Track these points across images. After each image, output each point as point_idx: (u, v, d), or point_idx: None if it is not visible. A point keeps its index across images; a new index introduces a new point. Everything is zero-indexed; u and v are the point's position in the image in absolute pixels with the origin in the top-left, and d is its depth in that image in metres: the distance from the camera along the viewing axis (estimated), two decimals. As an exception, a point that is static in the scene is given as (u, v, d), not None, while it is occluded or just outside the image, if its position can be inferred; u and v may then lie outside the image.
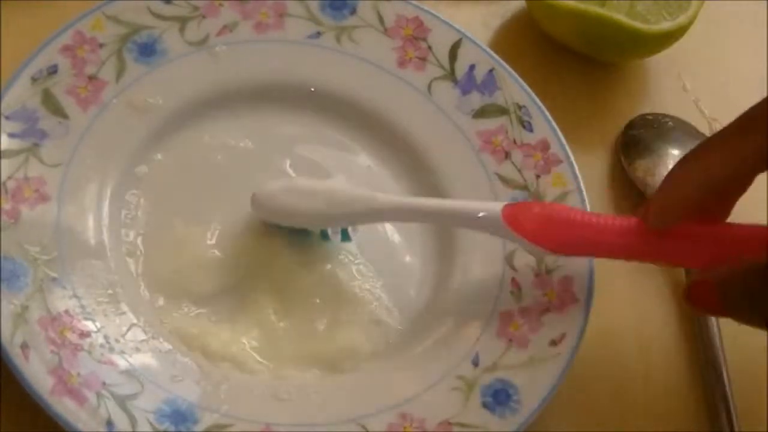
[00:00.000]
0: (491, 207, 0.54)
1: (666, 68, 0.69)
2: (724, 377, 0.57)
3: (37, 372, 0.50)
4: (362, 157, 0.61)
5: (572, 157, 0.60)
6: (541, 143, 0.60)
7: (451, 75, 0.61)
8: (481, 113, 0.61)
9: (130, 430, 0.50)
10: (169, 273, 0.56)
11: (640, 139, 0.65)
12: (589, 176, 0.60)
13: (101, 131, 0.57)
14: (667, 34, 0.64)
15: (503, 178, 0.60)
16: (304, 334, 0.55)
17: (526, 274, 0.57)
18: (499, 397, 0.54)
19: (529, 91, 0.61)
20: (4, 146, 0.55)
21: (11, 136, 0.55)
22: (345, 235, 0.57)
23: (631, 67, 0.68)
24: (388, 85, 0.61)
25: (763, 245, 0.50)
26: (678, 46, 0.66)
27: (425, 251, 0.59)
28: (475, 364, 0.55)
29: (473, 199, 0.59)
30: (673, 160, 0.64)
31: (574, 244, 0.53)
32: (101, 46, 0.58)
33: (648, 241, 0.52)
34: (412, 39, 0.62)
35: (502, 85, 0.61)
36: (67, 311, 0.52)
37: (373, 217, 0.56)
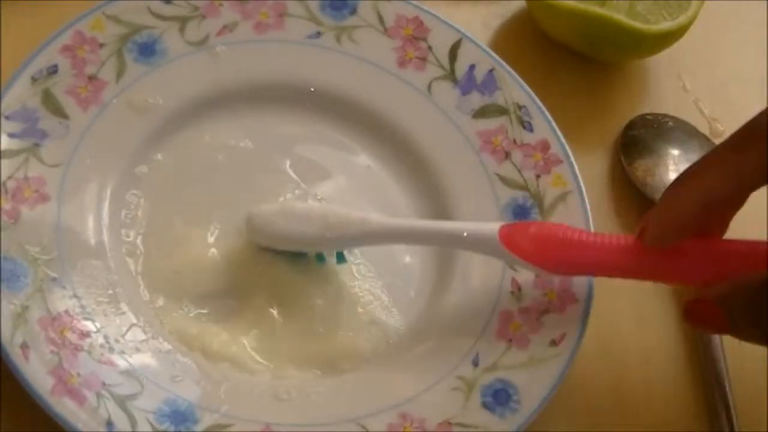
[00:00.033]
0: (488, 228, 0.54)
1: (666, 68, 0.69)
2: (724, 377, 0.57)
3: (37, 372, 0.50)
4: (362, 157, 0.61)
5: (572, 157, 0.60)
6: (541, 143, 0.60)
7: (451, 75, 0.61)
8: (481, 113, 0.61)
9: (130, 430, 0.50)
10: (169, 273, 0.56)
11: (640, 139, 0.65)
12: (589, 176, 0.60)
13: (101, 131, 0.57)
14: (667, 34, 0.64)
15: (503, 178, 0.60)
16: (304, 334, 0.55)
17: (526, 274, 0.57)
18: (499, 397, 0.54)
19: (529, 91, 0.61)
20: (4, 146, 0.55)
21: (11, 136, 0.55)
22: (341, 257, 0.56)
23: (631, 67, 0.68)
24: (388, 85, 0.61)
25: (763, 260, 0.50)
26: (678, 46, 0.66)
27: (425, 251, 0.59)
28: (475, 364, 0.55)
29: (473, 199, 0.59)
30: (673, 160, 0.64)
31: (572, 264, 0.53)
32: (101, 46, 0.58)
33: (646, 260, 0.52)
34: (412, 39, 0.62)
35: (502, 85, 0.61)
36: (67, 311, 0.52)
37: (368, 240, 0.56)
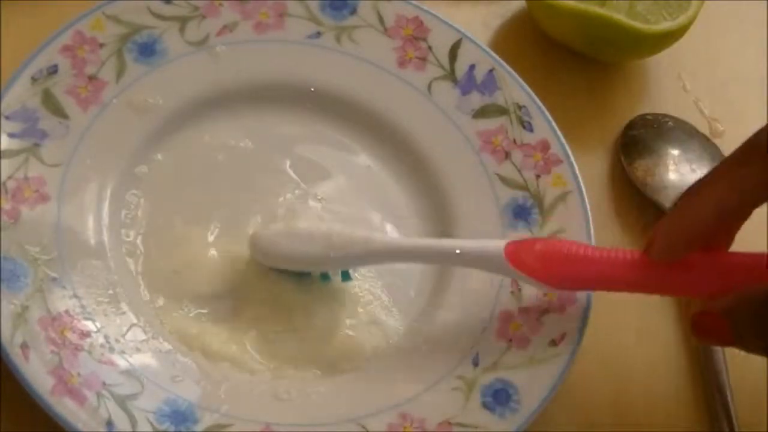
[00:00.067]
0: (493, 246, 0.54)
1: (666, 68, 0.69)
2: (724, 377, 0.57)
3: (37, 372, 0.50)
4: (362, 157, 0.61)
5: (572, 157, 0.60)
6: (541, 143, 0.60)
7: (451, 75, 0.61)
8: (481, 113, 0.61)
9: (130, 430, 0.50)
10: (169, 273, 0.56)
11: (640, 139, 0.65)
12: (589, 176, 0.60)
13: (101, 131, 0.57)
14: (667, 34, 0.64)
15: (503, 178, 0.60)
16: (304, 334, 0.55)
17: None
18: (499, 397, 0.54)
19: (529, 91, 0.61)
20: (4, 146, 0.55)
21: (11, 136, 0.55)
22: (346, 276, 0.56)
23: (631, 67, 0.68)
24: (388, 85, 0.61)
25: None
26: (678, 46, 0.66)
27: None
28: (475, 364, 0.55)
29: (473, 199, 0.59)
30: (673, 160, 0.64)
31: (579, 279, 0.53)
32: (101, 46, 0.58)
33: (653, 274, 0.52)
34: (412, 39, 0.62)
35: (502, 85, 0.61)
36: (67, 311, 0.52)
37: (373, 259, 0.55)
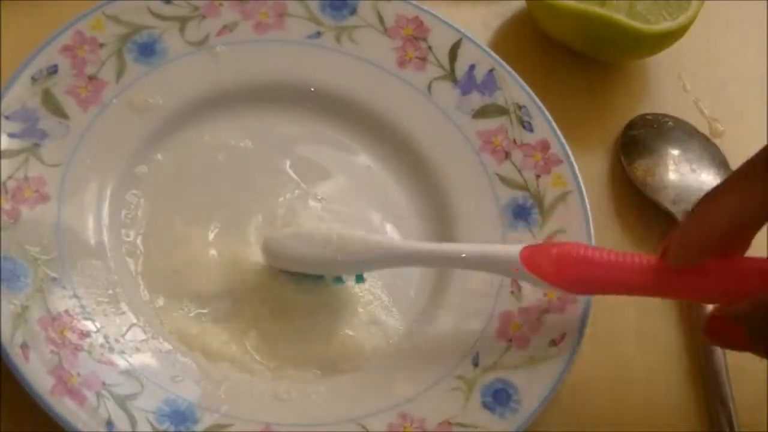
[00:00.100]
0: (508, 251, 0.53)
1: (666, 68, 0.69)
2: (724, 377, 0.57)
3: (37, 372, 0.50)
4: (362, 157, 0.61)
5: (572, 157, 0.60)
6: (541, 143, 0.60)
7: (451, 75, 0.61)
8: (481, 113, 0.61)
9: (130, 430, 0.50)
10: (169, 273, 0.56)
11: (640, 139, 0.65)
12: (589, 176, 0.60)
13: (101, 131, 0.57)
14: (667, 34, 0.64)
15: (503, 178, 0.60)
16: (304, 334, 0.55)
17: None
18: (499, 397, 0.54)
19: (529, 91, 0.61)
20: (4, 146, 0.55)
21: (11, 136, 0.55)
22: (359, 278, 0.56)
23: (631, 67, 0.68)
24: (388, 85, 0.61)
25: None
26: (678, 46, 0.66)
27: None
28: (475, 364, 0.55)
29: (473, 199, 0.59)
30: (673, 160, 0.64)
31: (594, 284, 0.53)
32: (101, 46, 0.58)
33: (668, 278, 0.51)
34: (412, 39, 0.62)
35: (502, 85, 0.61)
36: (67, 311, 0.52)
37: (387, 263, 0.55)
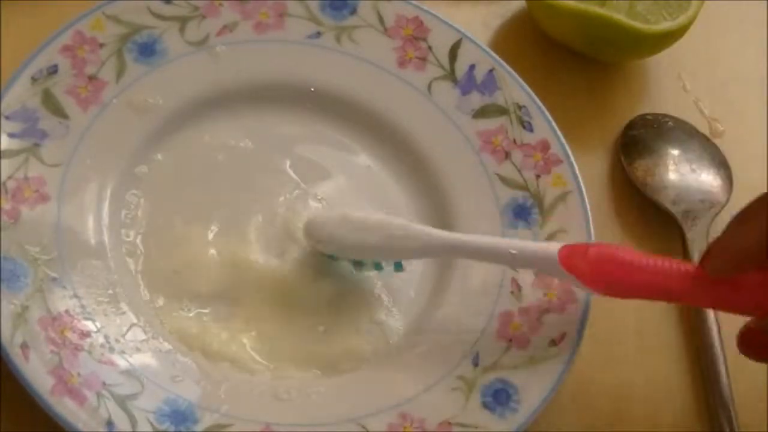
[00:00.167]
0: (547, 248, 0.54)
1: (666, 68, 0.69)
2: (724, 377, 0.57)
3: (37, 372, 0.50)
4: (362, 157, 0.61)
5: (572, 157, 0.60)
6: (541, 143, 0.60)
7: (451, 75, 0.61)
8: (481, 113, 0.61)
9: (130, 430, 0.50)
10: (169, 273, 0.56)
11: (640, 139, 0.65)
12: (589, 176, 0.60)
13: (101, 131, 0.57)
14: (667, 34, 0.64)
15: (503, 178, 0.60)
16: (304, 334, 0.55)
17: (526, 274, 0.57)
18: (499, 397, 0.54)
19: (529, 91, 0.61)
20: (4, 146, 0.55)
21: (11, 136, 0.55)
22: (398, 266, 0.56)
23: (631, 67, 0.68)
24: (388, 85, 0.61)
25: None
26: (678, 46, 0.66)
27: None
28: (475, 364, 0.55)
29: (473, 199, 0.59)
30: (673, 160, 0.64)
31: (629, 287, 0.52)
32: (101, 46, 0.58)
33: (704, 287, 0.51)
34: (412, 39, 0.62)
35: (502, 85, 0.61)
36: (67, 311, 0.52)
37: (428, 254, 0.55)
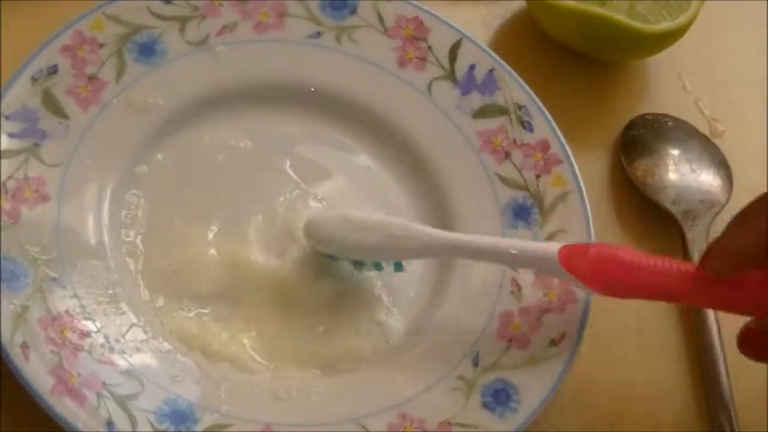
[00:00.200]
0: (548, 248, 0.54)
1: (666, 68, 0.69)
2: (724, 377, 0.57)
3: (37, 372, 0.50)
4: (362, 157, 0.61)
5: (572, 157, 0.60)
6: (541, 143, 0.60)
7: (451, 75, 0.61)
8: (481, 113, 0.61)
9: (130, 430, 0.50)
10: (169, 273, 0.56)
11: (640, 139, 0.65)
12: (589, 176, 0.60)
13: (101, 131, 0.57)
14: (667, 34, 0.64)
15: (503, 178, 0.60)
16: (304, 334, 0.55)
17: (526, 274, 0.57)
18: (499, 397, 0.54)
19: (529, 91, 0.61)
20: (4, 146, 0.55)
21: (11, 136, 0.55)
22: (398, 266, 0.56)
23: (631, 67, 0.68)
24: (388, 85, 0.61)
25: None
26: (678, 46, 0.66)
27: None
28: (475, 364, 0.55)
29: (473, 199, 0.59)
30: (673, 160, 0.64)
31: (629, 287, 0.52)
32: (101, 46, 0.58)
33: (704, 287, 0.51)
34: (412, 39, 0.62)
35: (502, 85, 0.61)
36: (67, 311, 0.52)
37: (428, 254, 0.56)
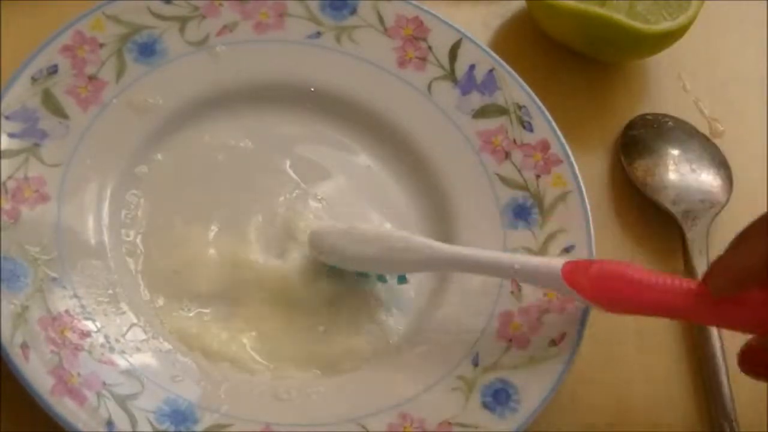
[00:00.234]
0: (551, 264, 0.54)
1: (666, 68, 0.69)
2: (724, 377, 0.57)
3: (37, 372, 0.50)
4: (362, 157, 0.61)
5: (572, 157, 0.60)
6: (541, 143, 0.60)
7: (451, 75, 0.61)
8: (481, 113, 0.61)
9: (130, 430, 0.50)
10: (169, 273, 0.56)
11: (640, 139, 0.65)
12: (589, 176, 0.60)
13: (101, 131, 0.57)
14: (667, 34, 0.64)
15: (503, 178, 0.60)
16: (304, 334, 0.55)
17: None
18: (499, 397, 0.54)
19: (529, 91, 0.61)
20: (4, 146, 0.55)
21: (11, 136, 0.55)
22: (402, 279, 0.56)
23: (631, 67, 0.68)
24: (388, 85, 0.61)
25: None
26: (678, 46, 0.66)
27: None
28: (475, 364, 0.55)
29: (473, 199, 0.59)
30: (673, 160, 0.64)
31: (632, 304, 0.52)
32: (101, 46, 0.58)
33: (706, 305, 0.51)
34: (412, 39, 0.62)
35: (502, 85, 0.61)
36: (67, 311, 0.52)
37: (429, 267, 0.56)
